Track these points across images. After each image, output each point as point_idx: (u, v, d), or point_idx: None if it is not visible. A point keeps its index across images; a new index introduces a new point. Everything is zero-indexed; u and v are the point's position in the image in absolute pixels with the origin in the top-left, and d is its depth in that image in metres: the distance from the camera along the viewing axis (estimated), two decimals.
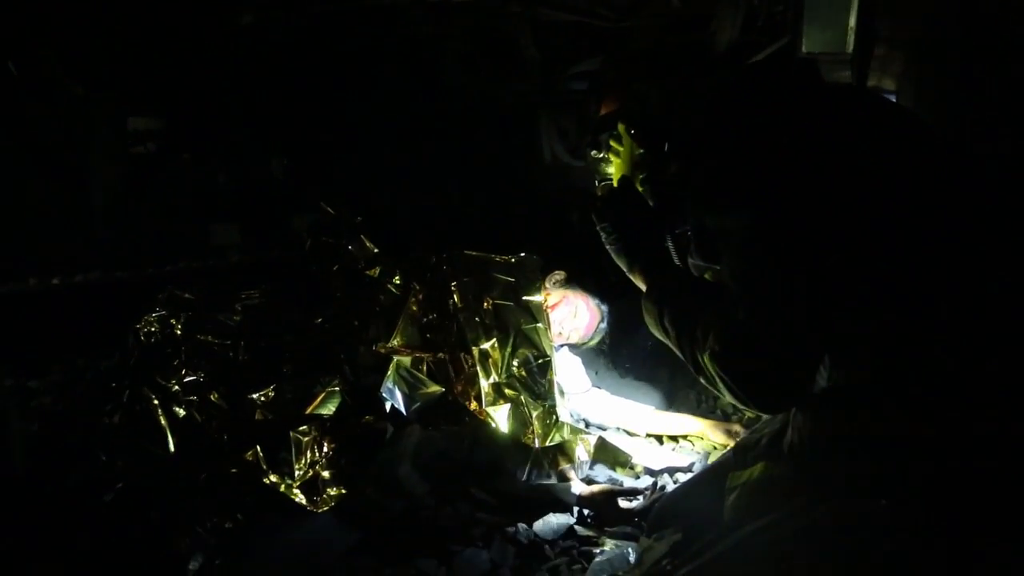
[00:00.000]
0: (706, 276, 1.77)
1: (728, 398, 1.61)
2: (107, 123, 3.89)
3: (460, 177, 4.42)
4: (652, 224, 1.90)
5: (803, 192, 1.48)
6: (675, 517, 1.89)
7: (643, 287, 1.92)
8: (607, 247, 2.00)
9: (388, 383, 2.15)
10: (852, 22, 2.81)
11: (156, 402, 2.19)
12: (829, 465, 1.48)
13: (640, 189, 1.94)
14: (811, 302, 1.46)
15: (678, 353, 1.75)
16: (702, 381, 1.67)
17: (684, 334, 1.70)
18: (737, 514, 1.66)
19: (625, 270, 1.97)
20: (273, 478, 1.99)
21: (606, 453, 2.23)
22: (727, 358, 1.55)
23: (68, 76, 3.71)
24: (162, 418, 2.17)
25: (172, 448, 2.13)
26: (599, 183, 2.07)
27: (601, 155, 1.99)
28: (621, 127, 1.91)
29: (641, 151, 1.89)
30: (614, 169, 1.99)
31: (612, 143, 1.95)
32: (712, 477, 1.88)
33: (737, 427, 2.59)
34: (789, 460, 1.55)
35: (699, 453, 2.52)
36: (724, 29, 3.27)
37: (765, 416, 1.87)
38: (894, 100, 2.71)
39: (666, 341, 1.80)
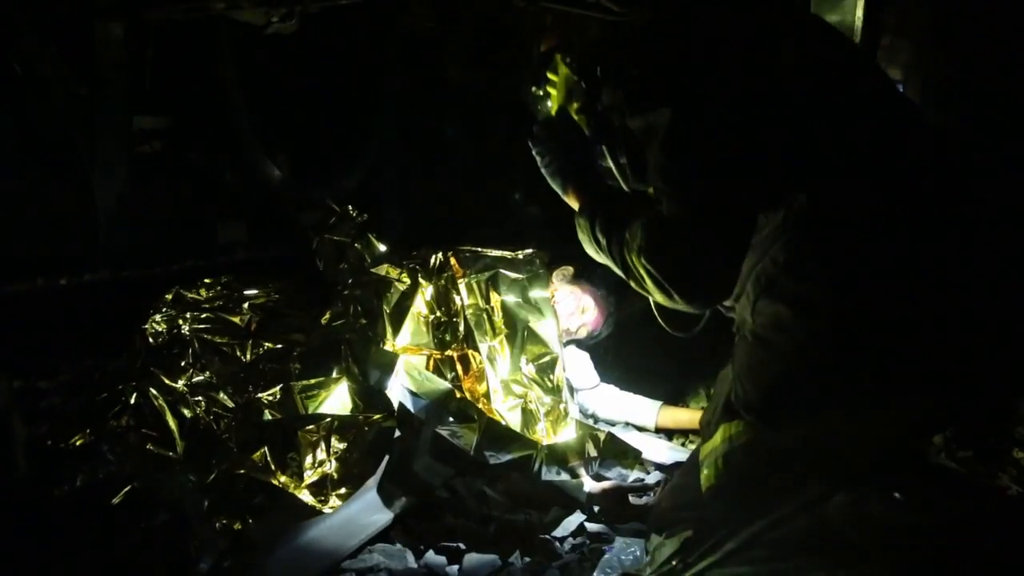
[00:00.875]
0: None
1: (659, 297, 1.69)
2: (112, 122, 3.88)
3: (465, 173, 4.40)
4: (585, 146, 1.99)
5: (716, 87, 1.59)
6: (672, 511, 1.89)
7: (576, 206, 2.03)
8: (542, 171, 2.13)
9: (396, 381, 2.14)
10: (860, 12, 2.79)
11: (164, 403, 2.19)
12: (776, 407, 1.55)
13: (576, 118, 2.03)
14: (727, 186, 1.56)
15: (609, 262, 1.85)
16: (633, 285, 1.76)
17: (614, 238, 1.79)
18: (709, 483, 1.69)
19: (559, 192, 2.10)
20: (282, 478, 1.99)
21: (616, 449, 2.22)
22: (654, 250, 1.63)
23: (72, 76, 3.70)
24: (170, 419, 2.17)
25: (180, 449, 2.13)
26: (538, 120, 2.17)
27: (540, 92, 2.09)
28: (558, 56, 2.01)
29: (576, 78, 1.99)
30: (552, 102, 2.09)
31: (549, 75, 2.05)
32: (694, 467, 1.89)
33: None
34: (743, 413, 1.60)
35: None
36: None
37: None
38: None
39: (598, 256, 1.90)
